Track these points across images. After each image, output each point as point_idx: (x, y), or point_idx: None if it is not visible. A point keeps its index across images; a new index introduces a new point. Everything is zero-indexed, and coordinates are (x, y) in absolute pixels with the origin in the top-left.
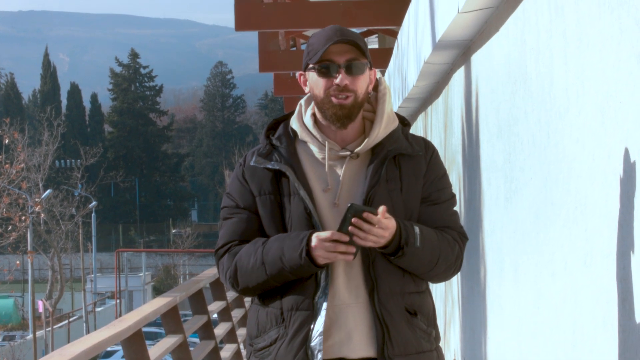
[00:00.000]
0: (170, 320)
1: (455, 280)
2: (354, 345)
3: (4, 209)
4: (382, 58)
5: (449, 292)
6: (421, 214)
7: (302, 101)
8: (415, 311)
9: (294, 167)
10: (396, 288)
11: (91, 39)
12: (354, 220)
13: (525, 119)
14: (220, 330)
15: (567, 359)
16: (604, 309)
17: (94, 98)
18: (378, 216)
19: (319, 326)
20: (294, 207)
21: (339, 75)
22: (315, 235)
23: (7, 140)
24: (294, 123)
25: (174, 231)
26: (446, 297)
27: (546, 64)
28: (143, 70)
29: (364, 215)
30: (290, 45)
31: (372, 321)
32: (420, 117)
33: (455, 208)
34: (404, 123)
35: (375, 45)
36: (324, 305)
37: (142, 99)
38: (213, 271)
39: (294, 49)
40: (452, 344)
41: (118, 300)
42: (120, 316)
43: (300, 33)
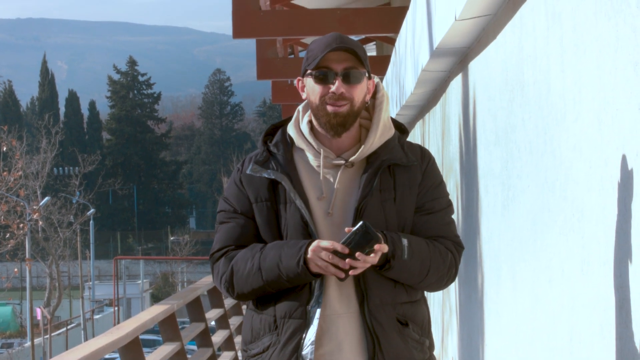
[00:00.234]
0: (167, 327)
1: (453, 288)
2: (345, 355)
3: (2, 217)
4: (380, 65)
5: (446, 300)
6: (415, 224)
7: (300, 107)
8: (407, 321)
9: (290, 176)
10: (387, 299)
11: (89, 46)
12: (358, 254)
13: (523, 126)
14: (217, 337)
15: None
16: (601, 316)
17: (92, 105)
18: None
19: (310, 335)
20: (290, 216)
21: (336, 83)
22: (316, 241)
23: (5, 148)
24: (290, 129)
25: (172, 239)
26: (444, 305)
27: (543, 71)
28: (141, 78)
29: (359, 256)
30: (288, 53)
31: (363, 332)
32: (418, 125)
33: (453, 216)
34: (402, 130)
35: (373, 53)
36: (317, 314)
37: (140, 107)
38: (211, 279)
39: (292, 56)
40: (450, 351)
41: (116, 308)
42: (118, 324)
43: (298, 40)
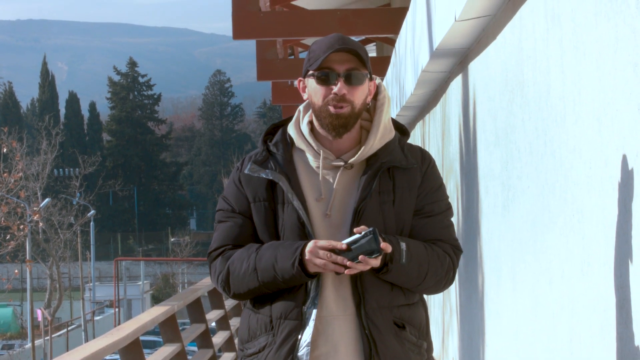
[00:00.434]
0: (168, 329)
1: (453, 289)
2: (340, 357)
3: (3, 218)
4: (380, 66)
5: (447, 301)
6: (414, 227)
7: (301, 107)
8: (404, 324)
9: (289, 176)
10: (384, 301)
11: (89, 47)
12: (361, 257)
13: (523, 127)
14: (218, 338)
15: None
16: (601, 317)
17: (93, 107)
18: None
19: (306, 336)
20: (287, 216)
21: (338, 84)
22: (313, 241)
23: (6, 149)
24: (290, 130)
25: (172, 240)
26: (444, 306)
27: (543, 72)
28: (141, 79)
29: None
30: (288, 54)
31: (359, 334)
32: (418, 126)
33: (453, 218)
34: (403, 132)
35: (373, 54)
36: (313, 316)
37: (141, 108)
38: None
39: (292, 57)
40: (451, 352)
41: (117, 309)
42: (118, 325)
43: (298, 41)
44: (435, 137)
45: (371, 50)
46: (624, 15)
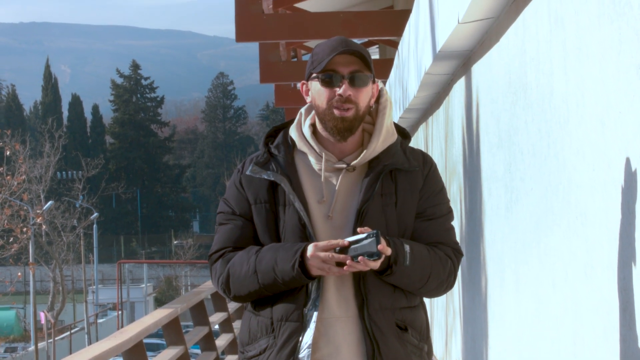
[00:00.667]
0: (171, 331)
1: (457, 291)
2: (342, 359)
3: (6, 221)
4: (383, 69)
5: (450, 303)
6: (415, 229)
7: (303, 110)
8: (406, 326)
9: (290, 178)
10: (387, 303)
11: (92, 50)
12: (360, 258)
13: (526, 129)
14: (221, 341)
15: None
16: (604, 319)
17: (96, 109)
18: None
19: (307, 338)
20: (289, 218)
21: (342, 86)
22: (313, 244)
23: (9, 152)
24: (292, 132)
25: (175, 242)
26: (447, 308)
27: (546, 74)
28: (144, 82)
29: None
30: (291, 56)
31: (362, 336)
32: (421, 128)
33: (454, 220)
34: (404, 135)
35: (376, 56)
36: (314, 317)
37: (144, 110)
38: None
39: (295, 59)
40: (454, 354)
41: (120, 312)
42: (121, 328)
43: (301, 44)
44: (439, 139)
45: (374, 53)
46: (627, 17)
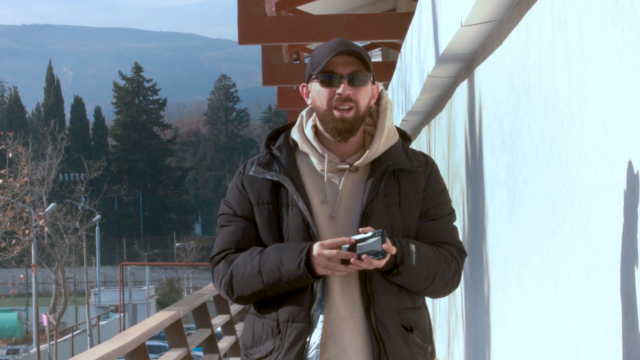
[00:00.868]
0: (174, 333)
1: (459, 293)
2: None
3: (8, 223)
4: (386, 71)
5: (452, 306)
6: (419, 230)
7: (304, 112)
8: (412, 327)
9: (293, 178)
10: (392, 304)
11: (95, 52)
12: (364, 256)
13: (529, 132)
14: (224, 343)
15: None
16: (607, 322)
17: (98, 111)
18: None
19: (315, 339)
20: (292, 218)
21: (341, 86)
22: (318, 243)
23: (11, 154)
24: (294, 134)
25: (177, 245)
26: (450, 311)
27: (549, 77)
28: (147, 84)
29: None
30: (293, 59)
31: (368, 336)
32: (424, 131)
33: (457, 222)
34: (405, 137)
35: (379, 59)
36: (321, 318)
37: (146, 113)
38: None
39: (298, 62)
40: (456, 357)
41: (122, 314)
42: (123, 330)
43: (303, 46)
44: (441, 142)
45: (376, 55)
46: (631, 20)
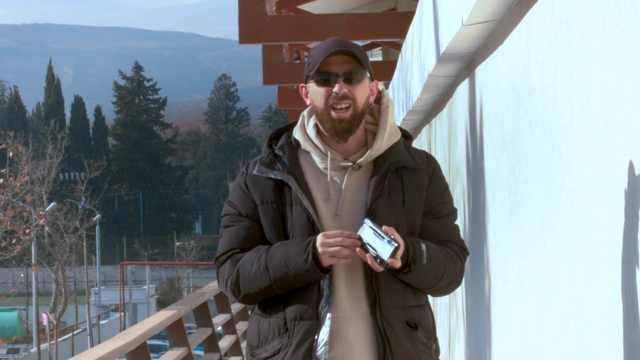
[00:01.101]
0: (175, 333)
1: (460, 293)
2: (355, 357)
3: (8, 222)
4: (386, 70)
5: (453, 305)
6: (423, 228)
7: (305, 112)
8: (416, 324)
9: (297, 177)
10: (397, 301)
11: (95, 52)
12: (368, 255)
13: (530, 132)
14: (224, 342)
15: None
16: (608, 321)
17: (98, 111)
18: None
19: (323, 336)
20: (296, 217)
21: (337, 85)
22: (322, 234)
23: (11, 154)
24: (296, 133)
25: (178, 244)
26: (450, 310)
27: (550, 76)
28: (147, 83)
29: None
30: (294, 58)
31: (374, 334)
32: (425, 130)
33: (458, 221)
34: (406, 136)
35: (379, 58)
36: (328, 315)
37: (146, 112)
38: (217, 284)
39: (298, 61)
40: (457, 356)
41: (122, 313)
42: (124, 329)
43: (304, 46)
44: (442, 141)
45: (377, 55)
46: (632, 19)
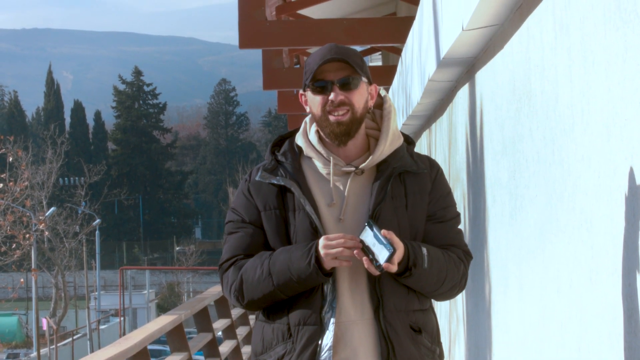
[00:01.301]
0: (175, 338)
1: (460, 298)
2: None
3: (8, 227)
4: (386, 75)
5: (453, 310)
6: (426, 232)
7: (307, 119)
8: (420, 328)
9: (299, 183)
10: (401, 305)
11: (95, 56)
12: (364, 259)
13: (530, 136)
14: (225, 347)
15: None
16: (609, 326)
17: (98, 116)
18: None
19: (327, 341)
20: (300, 222)
21: (333, 92)
22: (323, 237)
23: (11, 158)
24: (299, 139)
25: (177, 249)
26: (451, 315)
27: (551, 81)
28: (146, 88)
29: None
30: (294, 63)
31: (378, 338)
32: (425, 135)
33: (460, 226)
34: (409, 142)
35: (379, 63)
36: (332, 320)
37: (146, 117)
38: (217, 289)
39: (298, 66)
40: None
41: (122, 318)
42: (124, 334)
43: (304, 51)
44: (442, 146)
45: (377, 59)
46: (633, 24)
